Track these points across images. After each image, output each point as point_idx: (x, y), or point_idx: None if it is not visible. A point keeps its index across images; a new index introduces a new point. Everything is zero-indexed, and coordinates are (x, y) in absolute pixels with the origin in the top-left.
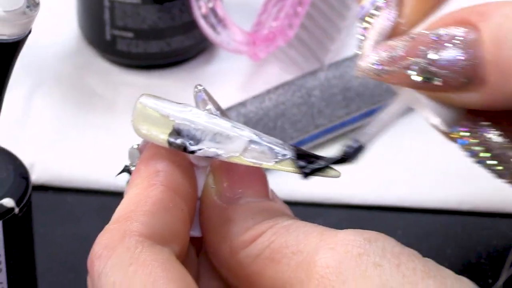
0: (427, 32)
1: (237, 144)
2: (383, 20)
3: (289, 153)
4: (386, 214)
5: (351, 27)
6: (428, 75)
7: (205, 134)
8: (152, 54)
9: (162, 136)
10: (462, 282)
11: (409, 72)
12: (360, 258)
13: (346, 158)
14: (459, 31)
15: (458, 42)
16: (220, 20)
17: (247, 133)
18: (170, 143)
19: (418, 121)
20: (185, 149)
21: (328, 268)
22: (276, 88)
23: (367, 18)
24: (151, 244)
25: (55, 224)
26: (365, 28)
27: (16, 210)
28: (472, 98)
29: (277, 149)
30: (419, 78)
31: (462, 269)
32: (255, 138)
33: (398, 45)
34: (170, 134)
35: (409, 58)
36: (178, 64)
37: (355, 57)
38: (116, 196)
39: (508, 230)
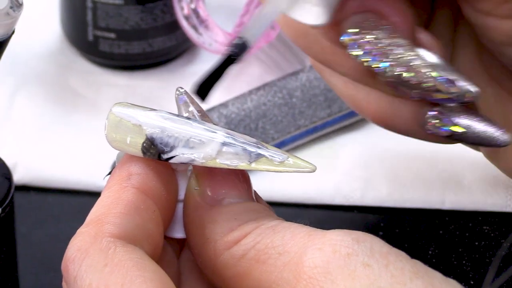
0: None
1: (211, 148)
2: None
3: (263, 152)
4: (367, 215)
5: None
6: None
7: (178, 140)
8: (134, 55)
9: (135, 146)
10: (449, 283)
11: None
12: (348, 258)
13: (233, 56)
14: None
15: None
16: (202, 21)
17: (220, 136)
18: (144, 153)
19: None
20: (159, 157)
21: (316, 268)
22: (258, 89)
23: None
24: (123, 244)
25: (36, 224)
26: None
27: None
28: None
29: (250, 149)
30: None
31: (444, 270)
32: (228, 140)
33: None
34: (144, 143)
35: None
36: (160, 64)
37: None
38: (97, 196)
39: (490, 231)
